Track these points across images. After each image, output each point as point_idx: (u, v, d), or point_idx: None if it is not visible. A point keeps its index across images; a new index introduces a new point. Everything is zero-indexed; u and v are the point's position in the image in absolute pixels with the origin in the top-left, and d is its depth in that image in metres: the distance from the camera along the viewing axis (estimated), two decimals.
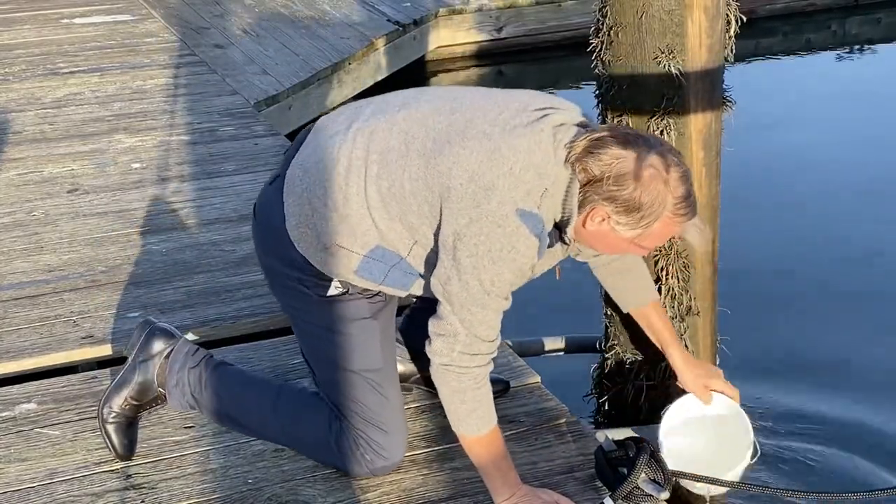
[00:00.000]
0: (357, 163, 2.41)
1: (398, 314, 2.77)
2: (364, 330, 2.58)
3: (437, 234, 2.36)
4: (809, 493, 2.86)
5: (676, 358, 2.81)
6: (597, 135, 2.29)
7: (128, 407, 2.75)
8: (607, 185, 2.25)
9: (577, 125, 2.37)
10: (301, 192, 2.48)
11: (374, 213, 2.40)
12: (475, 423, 2.44)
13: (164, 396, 2.80)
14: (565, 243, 2.42)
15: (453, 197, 2.29)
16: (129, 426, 2.76)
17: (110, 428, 2.74)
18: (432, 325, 2.40)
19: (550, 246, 2.39)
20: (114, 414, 2.74)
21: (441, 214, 2.32)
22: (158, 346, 2.79)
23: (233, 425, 2.83)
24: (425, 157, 2.33)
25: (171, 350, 2.79)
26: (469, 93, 2.48)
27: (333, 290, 2.54)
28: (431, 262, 2.42)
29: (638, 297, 2.83)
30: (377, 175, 2.38)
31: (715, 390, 2.79)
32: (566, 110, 2.41)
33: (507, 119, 2.34)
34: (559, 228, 2.37)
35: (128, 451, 2.74)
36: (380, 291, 2.56)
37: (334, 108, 6.46)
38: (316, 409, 2.68)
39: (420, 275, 2.49)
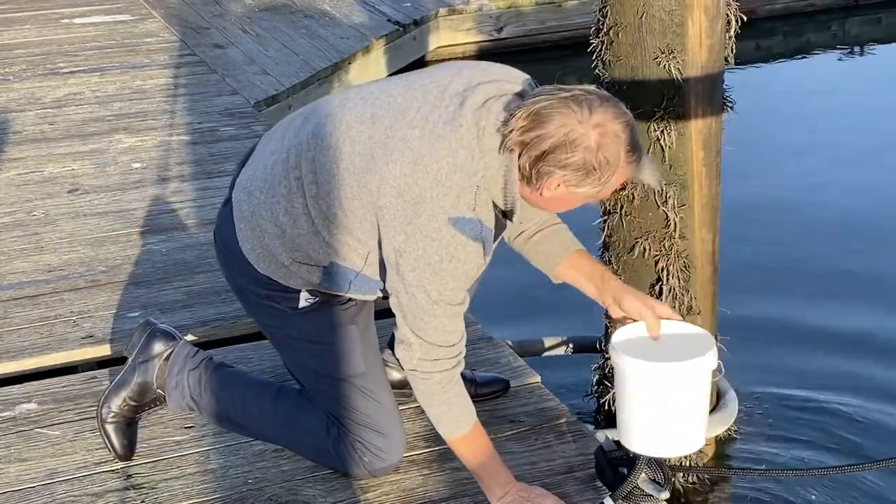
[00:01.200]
0: (295, 183, 2.40)
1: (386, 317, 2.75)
2: (342, 337, 2.57)
3: (375, 252, 2.37)
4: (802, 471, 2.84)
5: (616, 285, 2.54)
6: (528, 109, 2.17)
7: (126, 408, 2.75)
8: (559, 156, 2.18)
9: (503, 96, 2.26)
10: (249, 216, 2.49)
11: (323, 231, 2.39)
12: (448, 424, 2.45)
13: (163, 398, 2.80)
14: (511, 222, 2.35)
15: (386, 216, 2.27)
16: (128, 426, 2.76)
17: (109, 428, 2.74)
18: (395, 334, 2.41)
19: (496, 237, 2.35)
20: (112, 414, 2.74)
21: (377, 231, 2.32)
22: (158, 347, 2.79)
23: (232, 427, 2.83)
24: (356, 176, 2.30)
25: (171, 352, 2.79)
26: (391, 89, 2.38)
27: (304, 301, 2.53)
28: (384, 272, 2.40)
29: (563, 251, 2.62)
30: (316, 195, 2.37)
31: (662, 316, 2.46)
32: (492, 81, 2.30)
33: (425, 116, 2.27)
34: (505, 215, 2.32)
35: (127, 452, 2.74)
36: (350, 298, 2.56)
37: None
38: (313, 414, 2.67)
39: (379, 287, 2.48)
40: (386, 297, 2.45)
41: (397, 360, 2.44)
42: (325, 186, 2.35)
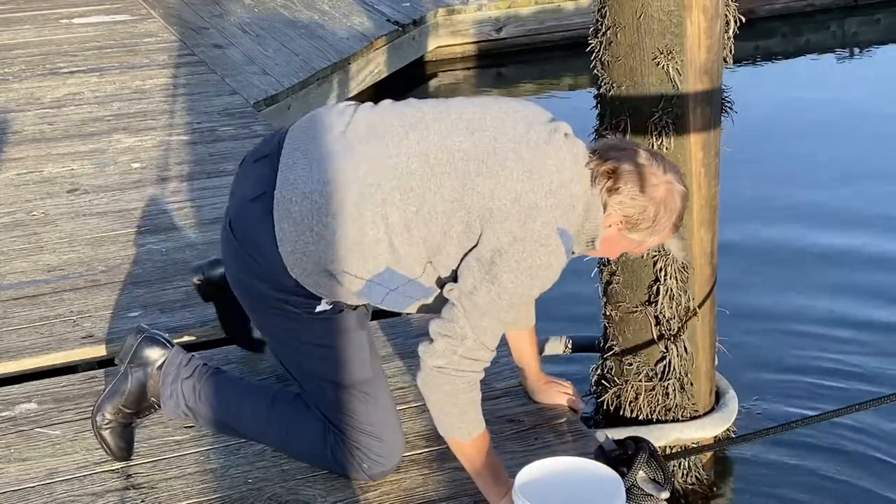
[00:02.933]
0: (370, 189, 2.37)
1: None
2: (353, 341, 2.57)
3: (465, 251, 2.38)
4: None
5: (532, 382, 2.96)
6: (614, 163, 2.39)
7: (121, 415, 2.74)
8: (629, 195, 2.38)
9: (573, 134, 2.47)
10: (301, 218, 2.41)
11: (395, 238, 2.38)
12: (466, 426, 2.46)
13: (158, 405, 2.79)
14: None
15: (497, 217, 2.34)
16: (124, 429, 2.76)
17: (105, 433, 2.73)
18: (437, 326, 2.40)
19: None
20: (107, 421, 2.73)
21: (480, 233, 2.36)
22: (151, 355, 2.77)
23: (230, 433, 2.82)
24: (460, 179, 2.35)
25: (164, 360, 2.77)
26: (471, 107, 2.50)
27: (324, 306, 2.52)
28: (442, 279, 2.45)
29: (522, 323, 2.86)
30: (401, 200, 2.36)
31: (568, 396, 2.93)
32: (555, 119, 2.49)
33: (524, 134, 2.40)
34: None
35: (125, 454, 2.74)
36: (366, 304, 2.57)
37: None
38: (311, 420, 2.66)
39: (420, 297, 2.50)
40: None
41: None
42: (416, 190, 2.36)
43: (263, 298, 2.55)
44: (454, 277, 2.43)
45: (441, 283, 2.47)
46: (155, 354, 2.77)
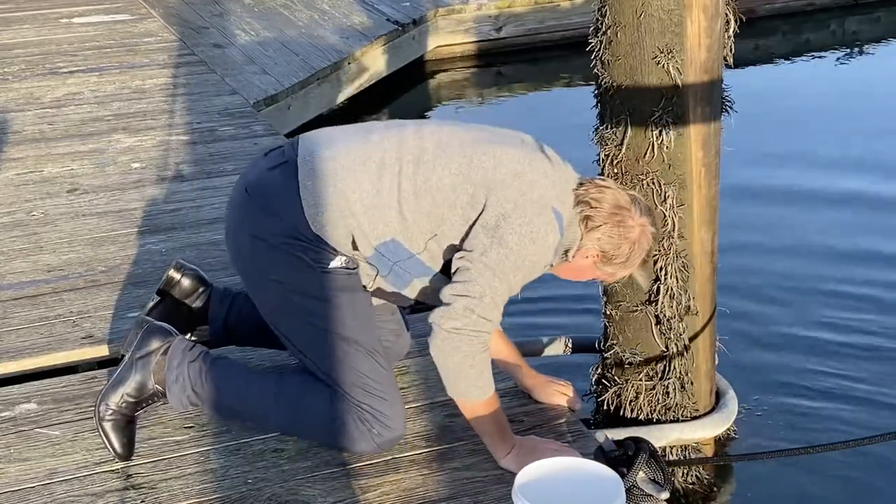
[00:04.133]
0: (390, 161, 2.62)
1: None
2: (359, 301, 2.69)
3: (469, 222, 2.58)
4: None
5: (527, 380, 3.01)
6: (598, 197, 2.63)
7: (125, 405, 2.75)
8: (607, 234, 2.61)
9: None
10: (324, 175, 2.61)
11: (404, 206, 2.59)
12: (483, 386, 2.60)
13: (162, 393, 2.80)
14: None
15: (498, 187, 2.56)
16: (126, 424, 2.76)
17: (108, 426, 2.73)
18: (453, 290, 2.53)
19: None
20: (111, 412, 2.74)
21: (484, 202, 2.56)
22: (156, 343, 2.79)
23: (235, 417, 2.83)
24: (467, 157, 2.60)
25: (169, 346, 2.79)
26: (476, 128, 2.74)
27: (337, 262, 2.64)
28: (444, 256, 2.62)
29: None
30: (413, 172, 2.60)
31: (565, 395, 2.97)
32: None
33: (520, 143, 2.67)
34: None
35: (127, 451, 2.74)
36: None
37: (333, 108, 6.49)
38: (318, 393, 2.71)
39: (419, 275, 2.65)
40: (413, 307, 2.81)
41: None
42: (428, 164, 2.60)
43: (276, 255, 2.65)
44: (453, 256, 2.59)
45: (440, 265, 2.64)
46: (159, 342, 2.79)
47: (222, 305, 3.05)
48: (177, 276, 3.05)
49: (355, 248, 2.64)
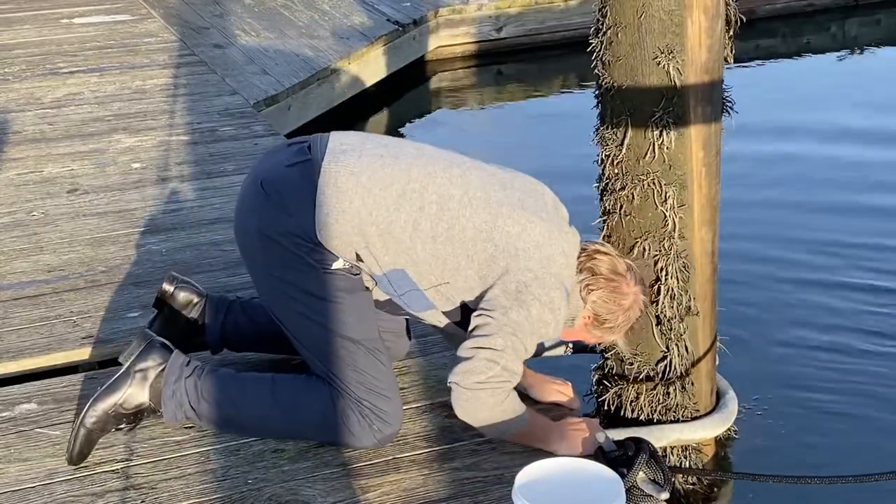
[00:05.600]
0: (412, 195, 2.62)
1: None
2: (361, 301, 2.71)
3: (484, 284, 2.61)
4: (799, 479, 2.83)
5: (525, 373, 2.97)
6: (596, 265, 2.70)
7: (113, 413, 2.73)
8: (603, 298, 2.68)
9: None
10: (345, 189, 2.61)
11: (419, 244, 2.61)
12: (518, 420, 2.68)
13: (153, 409, 2.78)
14: None
15: (521, 256, 2.59)
16: (97, 438, 2.74)
17: (83, 431, 2.70)
18: (474, 343, 2.56)
19: None
20: (94, 419, 2.71)
21: (504, 269, 2.59)
22: (155, 359, 2.79)
23: (233, 429, 2.83)
24: (492, 216, 2.61)
25: (167, 363, 2.79)
26: (501, 171, 2.78)
27: (340, 263, 2.66)
28: (451, 304, 2.68)
29: None
30: (436, 214, 2.61)
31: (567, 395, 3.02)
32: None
33: (545, 206, 2.72)
34: None
35: (80, 460, 2.72)
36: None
37: (334, 108, 6.48)
38: (315, 391, 2.73)
39: (418, 310, 2.75)
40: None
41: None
42: (452, 211, 2.61)
43: (281, 252, 2.67)
44: (462, 307, 2.67)
45: (444, 306, 2.69)
46: (159, 358, 2.79)
47: (218, 314, 3.06)
48: (170, 289, 3.05)
49: (360, 260, 2.67)
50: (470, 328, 2.61)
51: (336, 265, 2.66)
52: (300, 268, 2.67)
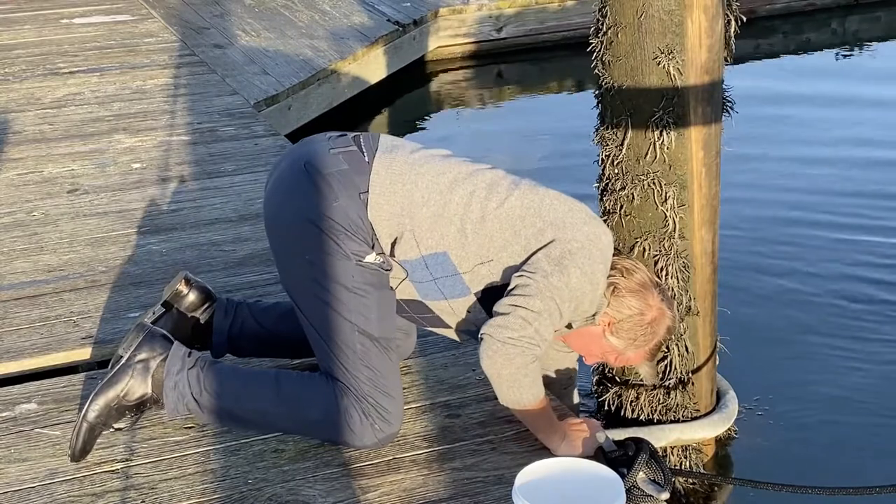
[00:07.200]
0: (463, 182, 2.68)
1: None
2: (386, 299, 2.73)
3: (529, 254, 2.62)
4: (800, 487, 2.83)
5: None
6: (626, 272, 2.71)
7: (116, 405, 2.73)
8: (624, 304, 2.68)
9: None
10: (399, 173, 2.67)
11: (468, 225, 2.64)
12: (536, 391, 2.65)
13: (155, 400, 2.77)
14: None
15: (569, 228, 2.63)
16: (99, 434, 2.73)
17: (85, 426, 2.70)
18: (512, 301, 2.57)
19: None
20: (97, 413, 2.70)
21: (551, 239, 2.61)
22: (156, 349, 2.78)
23: (234, 423, 2.83)
24: (539, 196, 2.67)
25: (168, 353, 2.78)
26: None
27: (372, 258, 2.67)
28: (487, 283, 2.67)
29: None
30: (485, 198, 2.66)
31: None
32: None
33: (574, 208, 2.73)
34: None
35: (81, 456, 2.71)
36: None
37: (334, 109, 6.48)
38: (318, 387, 2.73)
39: (453, 296, 2.71)
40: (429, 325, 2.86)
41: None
42: (501, 193, 2.66)
43: (317, 237, 2.67)
44: (496, 289, 2.65)
45: (479, 292, 2.68)
46: (159, 348, 2.78)
47: (226, 318, 3.04)
48: (185, 289, 3.02)
49: (393, 250, 2.68)
50: (510, 287, 2.61)
51: (369, 258, 2.67)
52: (334, 255, 2.66)
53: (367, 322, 2.68)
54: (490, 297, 2.67)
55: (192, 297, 3.03)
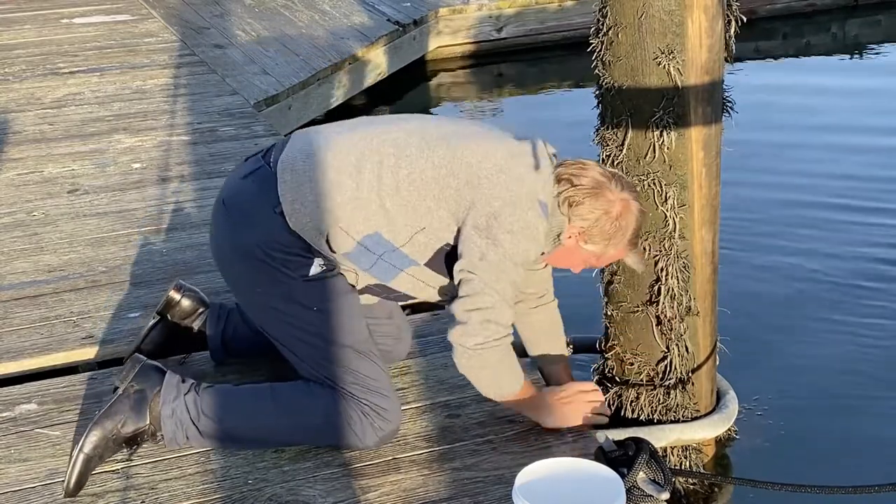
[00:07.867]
0: (370, 155, 2.62)
1: None
2: (347, 304, 2.70)
3: (457, 219, 2.58)
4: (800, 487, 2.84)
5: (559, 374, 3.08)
6: (576, 173, 2.63)
7: (113, 437, 2.68)
8: (586, 208, 2.61)
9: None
10: (303, 170, 2.63)
11: (386, 199, 2.59)
12: (516, 378, 2.70)
13: (153, 432, 2.74)
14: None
15: (484, 184, 2.56)
16: (94, 466, 2.68)
17: (81, 458, 2.63)
18: (464, 305, 2.55)
19: None
20: (93, 444, 2.65)
21: (471, 202, 2.56)
22: (151, 378, 2.76)
23: (234, 443, 2.78)
24: (451, 150, 2.60)
25: (163, 383, 2.76)
26: (456, 122, 2.82)
27: (316, 268, 2.65)
28: (431, 249, 2.63)
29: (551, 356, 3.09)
30: (394, 165, 2.59)
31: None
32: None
33: (503, 135, 2.69)
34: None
35: (76, 491, 2.63)
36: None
37: (334, 108, 6.48)
38: (314, 395, 2.72)
39: (405, 267, 2.66)
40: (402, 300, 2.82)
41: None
42: (410, 157, 2.60)
43: (257, 267, 2.66)
44: (445, 253, 2.63)
45: (426, 259, 2.64)
46: (154, 379, 2.77)
47: (219, 323, 3.06)
48: (177, 297, 3.05)
49: (331, 247, 2.65)
50: (456, 282, 2.60)
51: (313, 270, 2.65)
52: (280, 282, 2.66)
53: (335, 332, 2.68)
54: (443, 257, 2.66)
55: (184, 304, 3.05)
